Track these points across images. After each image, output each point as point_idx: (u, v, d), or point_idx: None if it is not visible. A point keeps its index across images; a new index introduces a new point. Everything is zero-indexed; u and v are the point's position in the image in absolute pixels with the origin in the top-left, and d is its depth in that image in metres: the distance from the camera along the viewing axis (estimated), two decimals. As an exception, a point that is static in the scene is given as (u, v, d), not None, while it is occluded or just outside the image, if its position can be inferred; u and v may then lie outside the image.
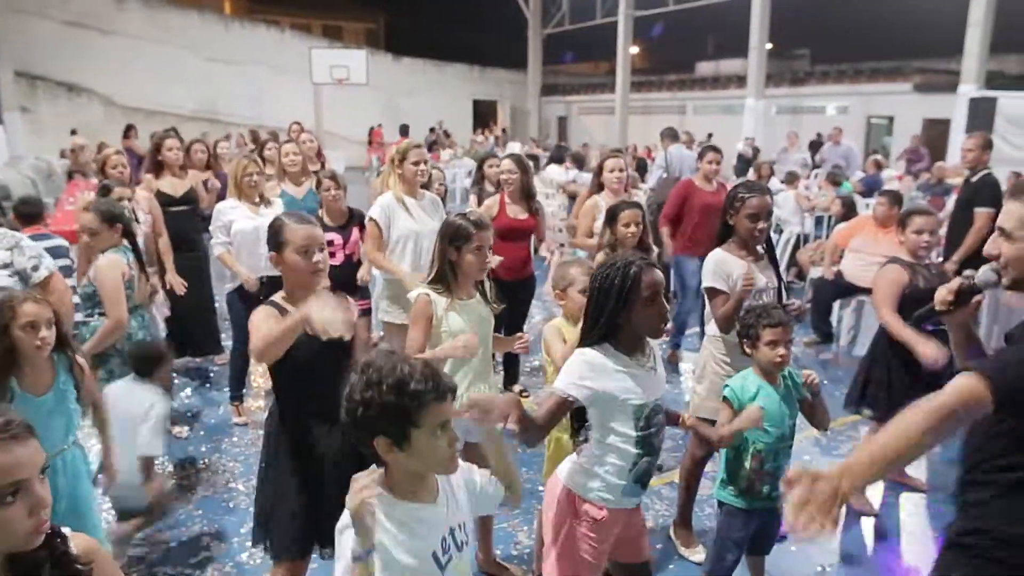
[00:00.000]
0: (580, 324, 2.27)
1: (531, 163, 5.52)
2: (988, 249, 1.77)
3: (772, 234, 3.48)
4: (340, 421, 1.59)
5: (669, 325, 5.66)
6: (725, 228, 3.20)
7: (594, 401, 2.12)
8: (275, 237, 2.40)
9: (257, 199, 4.50)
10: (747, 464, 2.64)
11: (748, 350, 2.71)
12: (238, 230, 4.38)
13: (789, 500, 1.42)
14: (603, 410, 2.14)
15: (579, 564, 2.22)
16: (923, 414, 1.50)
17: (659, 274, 2.14)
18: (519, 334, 3.05)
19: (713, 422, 3.00)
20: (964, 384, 1.51)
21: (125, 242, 3.54)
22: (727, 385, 2.70)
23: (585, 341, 2.18)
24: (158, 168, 5.30)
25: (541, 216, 4.92)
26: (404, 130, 15.92)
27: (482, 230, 2.79)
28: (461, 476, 1.75)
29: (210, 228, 4.54)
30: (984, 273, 1.81)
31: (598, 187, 4.90)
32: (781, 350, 2.60)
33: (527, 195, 4.82)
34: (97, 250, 3.48)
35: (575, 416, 2.25)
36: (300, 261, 2.35)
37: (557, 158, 9.65)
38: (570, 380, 2.10)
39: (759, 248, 3.19)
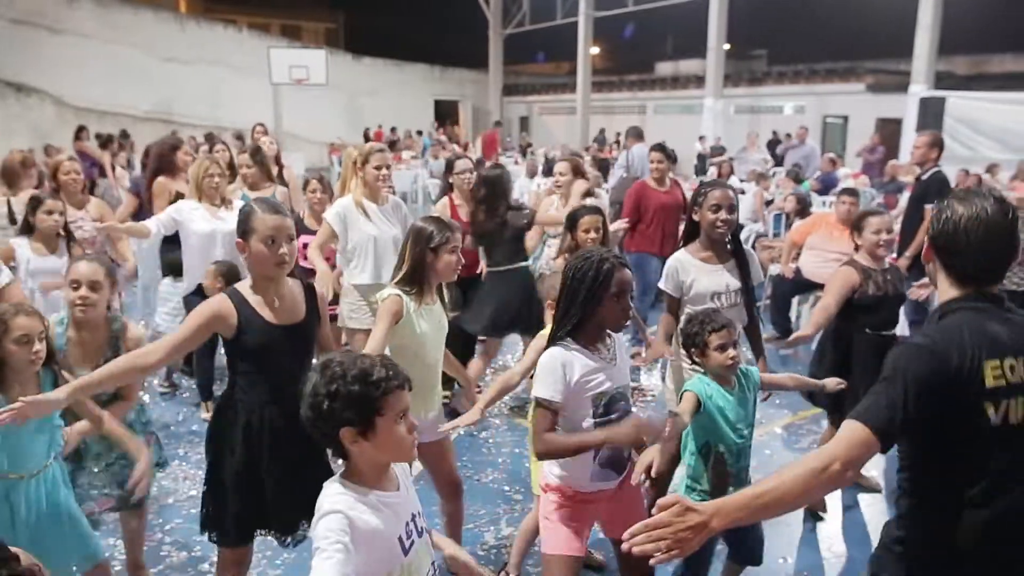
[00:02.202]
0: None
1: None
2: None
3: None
4: (293, 411, 1.63)
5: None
6: (691, 226, 3.23)
7: (566, 395, 2.21)
8: (243, 224, 2.34)
9: (218, 201, 4.42)
10: (709, 466, 2.63)
11: (697, 359, 2.69)
12: (195, 232, 4.30)
13: (647, 521, 1.48)
14: (569, 401, 2.23)
15: (558, 534, 2.32)
16: (808, 467, 1.57)
17: (628, 273, 2.26)
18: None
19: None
20: (849, 435, 1.58)
21: None
22: (687, 388, 2.65)
23: (556, 335, 2.28)
24: (173, 170, 5.23)
25: None
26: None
27: (456, 231, 2.84)
28: (405, 471, 1.83)
29: (159, 214, 4.43)
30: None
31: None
32: (731, 352, 2.59)
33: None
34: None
35: None
36: (265, 251, 2.30)
37: (548, 171, 9.53)
38: (547, 386, 2.21)
39: (726, 247, 3.20)
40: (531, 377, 2.42)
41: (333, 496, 1.61)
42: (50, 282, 3.75)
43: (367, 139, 18.15)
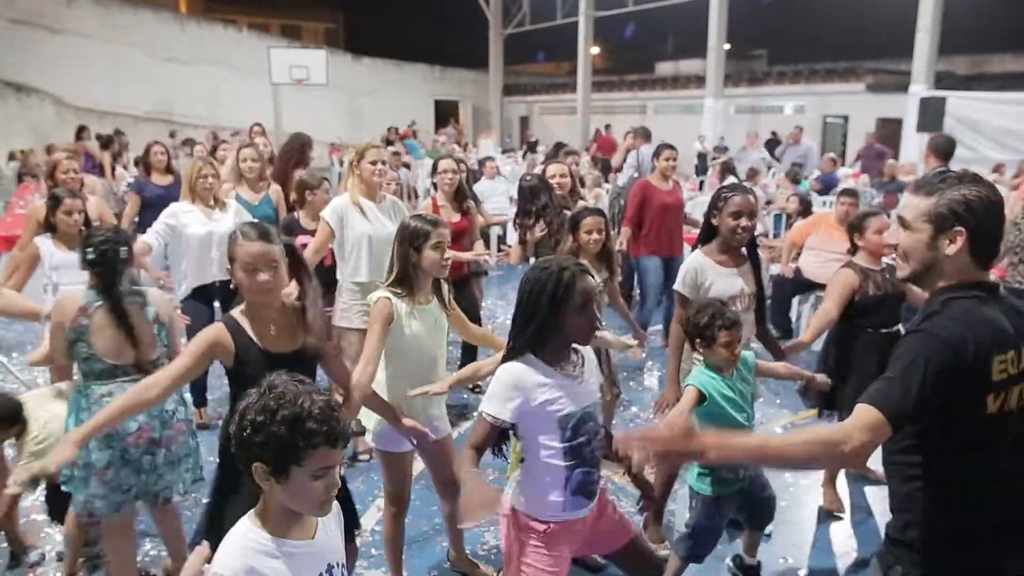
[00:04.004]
0: None
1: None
2: (888, 239, 1.87)
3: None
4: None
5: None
6: (708, 229, 3.21)
7: (520, 416, 2.09)
8: (229, 249, 2.31)
9: (211, 202, 4.42)
10: None
11: (701, 349, 2.75)
12: (190, 235, 4.29)
13: (648, 430, 1.55)
14: (530, 424, 2.12)
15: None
16: (821, 437, 1.61)
17: (591, 281, 2.14)
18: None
19: None
20: (864, 419, 1.59)
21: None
22: (689, 383, 2.71)
23: (510, 351, 2.16)
24: (305, 164, 5.50)
25: (473, 217, 4.91)
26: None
27: (439, 227, 2.81)
28: (337, 516, 1.72)
29: (154, 223, 4.41)
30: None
31: None
32: (736, 349, 2.68)
33: (461, 197, 4.83)
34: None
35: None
36: (245, 279, 2.26)
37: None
38: (495, 402, 2.09)
39: (742, 252, 3.20)
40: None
41: (229, 553, 1.50)
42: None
43: (401, 137, 18.11)
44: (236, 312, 2.36)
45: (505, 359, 2.16)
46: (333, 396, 1.63)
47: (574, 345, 2.20)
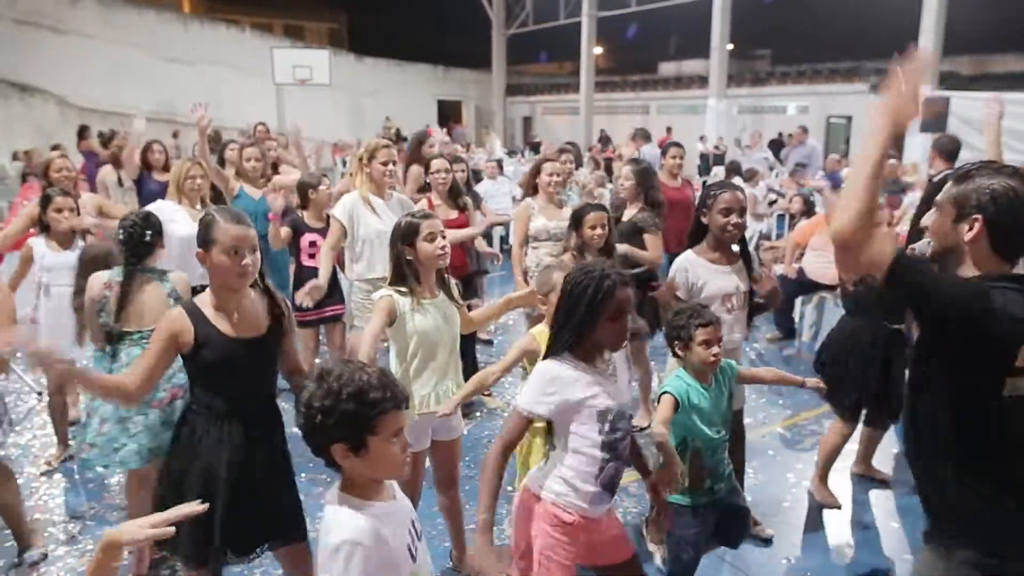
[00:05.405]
0: None
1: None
2: (923, 222, 1.91)
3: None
4: (252, 427, 1.58)
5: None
6: (699, 227, 3.20)
7: (558, 412, 2.13)
8: (204, 234, 2.26)
9: (199, 204, 4.42)
10: (687, 461, 2.64)
11: (680, 352, 2.69)
12: (175, 235, 4.29)
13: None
14: (570, 418, 2.15)
15: (551, 569, 2.20)
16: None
17: (629, 292, 2.15)
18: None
19: None
20: (883, 239, 1.63)
21: None
22: (665, 389, 2.65)
23: (551, 349, 2.19)
24: (421, 160, 5.56)
25: (471, 214, 4.91)
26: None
27: (429, 218, 2.82)
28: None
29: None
30: (922, 245, 1.90)
31: (532, 190, 4.75)
32: (715, 349, 2.60)
33: (455, 193, 4.83)
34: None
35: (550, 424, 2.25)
36: (227, 262, 2.22)
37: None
38: (533, 397, 2.13)
39: (733, 249, 3.18)
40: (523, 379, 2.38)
41: (349, 522, 1.58)
42: None
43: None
44: (200, 298, 2.33)
45: (546, 356, 2.21)
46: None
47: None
